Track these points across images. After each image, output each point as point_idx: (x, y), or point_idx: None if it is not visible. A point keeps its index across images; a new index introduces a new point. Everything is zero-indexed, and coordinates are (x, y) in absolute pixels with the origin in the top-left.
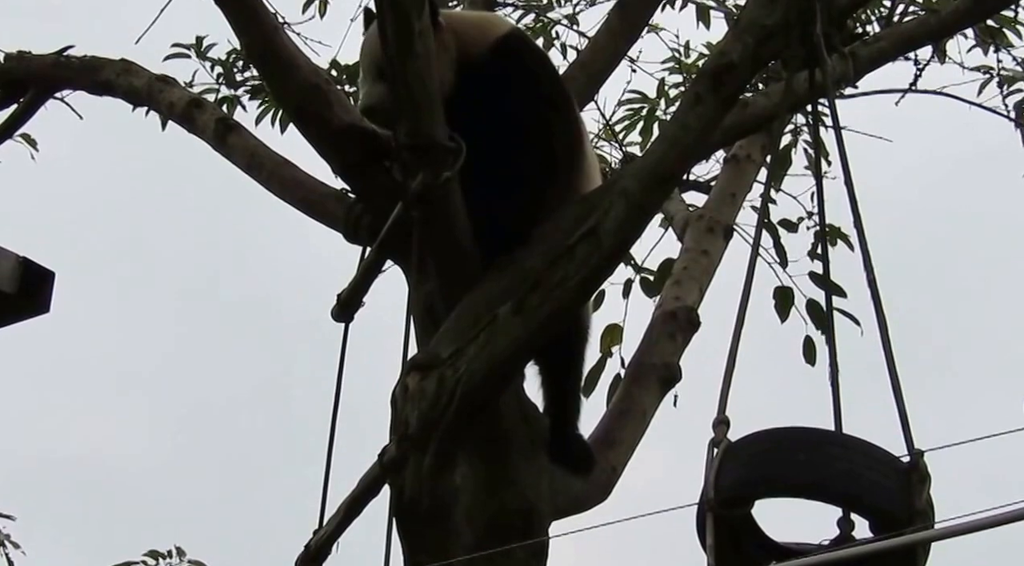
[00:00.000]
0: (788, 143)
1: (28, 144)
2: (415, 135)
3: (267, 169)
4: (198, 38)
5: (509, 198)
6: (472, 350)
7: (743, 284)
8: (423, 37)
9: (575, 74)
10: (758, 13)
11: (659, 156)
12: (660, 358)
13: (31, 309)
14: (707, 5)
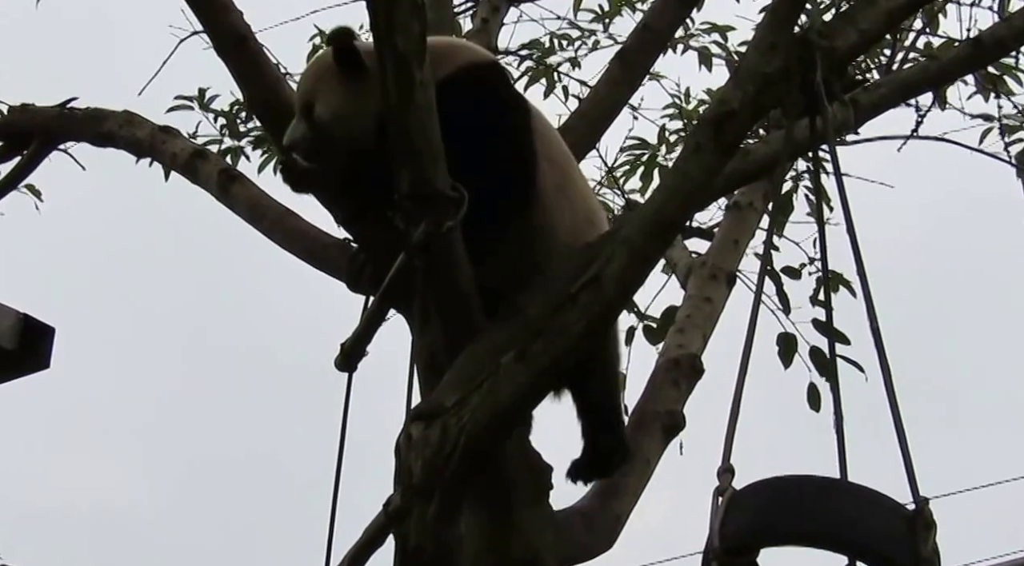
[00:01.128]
0: (790, 189)
1: (32, 194)
2: (417, 185)
3: (269, 219)
4: (201, 90)
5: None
6: (475, 399)
7: (746, 331)
8: (424, 87)
9: (575, 124)
10: (758, 61)
11: (660, 204)
12: (664, 406)
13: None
14: (709, 51)
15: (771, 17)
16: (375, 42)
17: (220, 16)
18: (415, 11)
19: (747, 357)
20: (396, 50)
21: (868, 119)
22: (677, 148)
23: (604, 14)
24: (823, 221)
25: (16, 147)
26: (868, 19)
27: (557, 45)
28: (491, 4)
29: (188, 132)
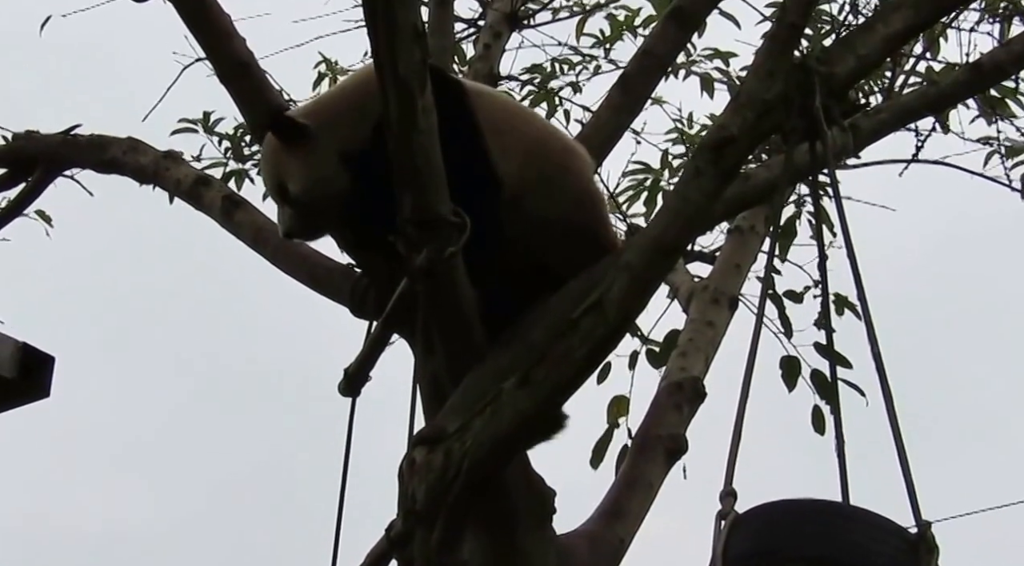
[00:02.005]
0: (792, 214)
1: (43, 220)
2: (420, 211)
3: (273, 244)
4: (205, 113)
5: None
6: (478, 424)
7: (748, 355)
8: (426, 113)
9: None
10: (757, 87)
11: (661, 229)
12: (666, 429)
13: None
14: (710, 77)
15: (770, 44)
16: (376, 68)
17: (223, 43)
18: (416, 38)
19: (749, 380)
20: (398, 76)
21: (868, 144)
22: (679, 172)
23: (605, 39)
24: (824, 245)
25: (21, 174)
26: (867, 45)
27: (559, 70)
28: (493, 30)
29: (192, 155)
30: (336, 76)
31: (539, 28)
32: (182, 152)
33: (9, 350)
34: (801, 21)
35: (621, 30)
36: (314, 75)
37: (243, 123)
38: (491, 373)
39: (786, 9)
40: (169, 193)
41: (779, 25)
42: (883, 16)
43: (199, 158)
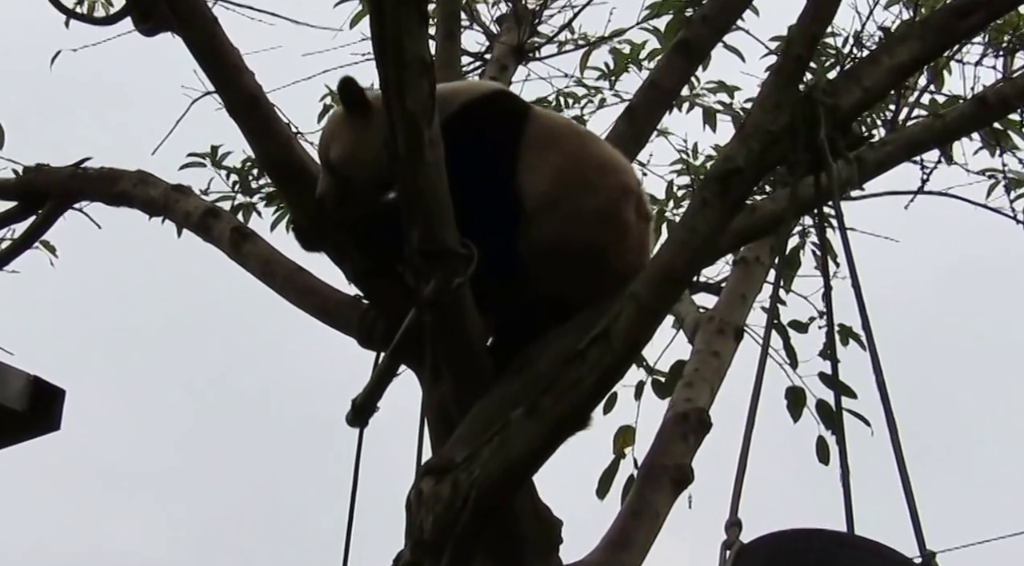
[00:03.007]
0: (796, 245)
1: (47, 251)
2: (427, 242)
3: (281, 276)
4: (213, 147)
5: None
6: (486, 453)
7: (753, 385)
8: (433, 145)
9: None
10: (763, 118)
11: (668, 260)
12: (672, 459)
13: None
14: (713, 109)
15: (776, 76)
16: (384, 101)
17: (232, 77)
18: (424, 71)
19: (754, 411)
20: (405, 109)
21: (874, 176)
22: (685, 203)
23: (610, 72)
24: (829, 276)
25: (31, 207)
26: (872, 77)
27: (564, 103)
28: (499, 63)
29: (201, 189)
30: None
31: (545, 61)
32: (191, 186)
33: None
34: (806, 53)
35: (626, 63)
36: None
37: (251, 157)
38: (499, 403)
39: (791, 42)
40: (178, 225)
41: (785, 57)
42: (888, 48)
43: (207, 192)
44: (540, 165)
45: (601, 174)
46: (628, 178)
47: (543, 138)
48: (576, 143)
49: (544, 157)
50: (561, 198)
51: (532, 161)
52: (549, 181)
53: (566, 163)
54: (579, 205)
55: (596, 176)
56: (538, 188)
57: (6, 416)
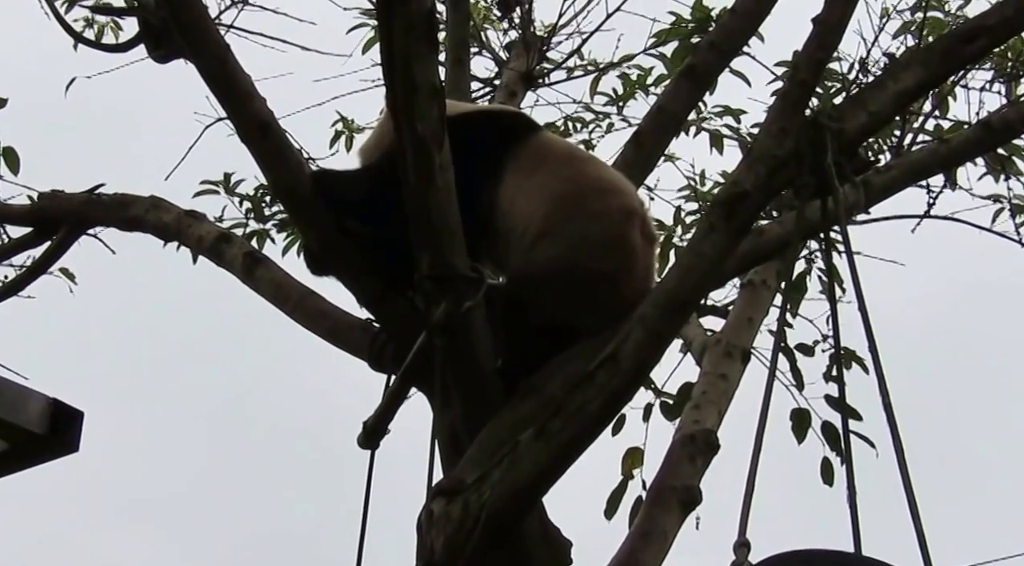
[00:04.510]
0: (803, 269)
1: (66, 277)
2: (437, 266)
3: (293, 300)
4: (226, 174)
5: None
6: (496, 475)
7: (761, 407)
8: (443, 170)
9: None
10: (769, 143)
11: (675, 283)
12: (680, 481)
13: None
14: (721, 134)
15: (782, 101)
16: (394, 126)
17: (244, 103)
18: (434, 96)
19: (762, 432)
20: (416, 134)
21: (880, 200)
22: (693, 229)
23: (618, 97)
24: (835, 299)
25: (46, 233)
26: (877, 102)
27: (572, 128)
28: (508, 89)
29: (214, 216)
30: (352, 134)
31: (554, 87)
32: (204, 214)
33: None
34: (812, 79)
35: (634, 88)
36: (331, 133)
37: (264, 184)
38: (508, 425)
39: (797, 67)
40: (192, 251)
41: (790, 83)
42: (893, 73)
43: (221, 219)
44: (530, 188)
45: (603, 197)
46: (631, 200)
47: (536, 160)
48: (575, 167)
49: (535, 180)
50: (562, 222)
51: (521, 183)
52: (546, 205)
53: (565, 186)
54: (583, 229)
55: (598, 199)
56: (534, 212)
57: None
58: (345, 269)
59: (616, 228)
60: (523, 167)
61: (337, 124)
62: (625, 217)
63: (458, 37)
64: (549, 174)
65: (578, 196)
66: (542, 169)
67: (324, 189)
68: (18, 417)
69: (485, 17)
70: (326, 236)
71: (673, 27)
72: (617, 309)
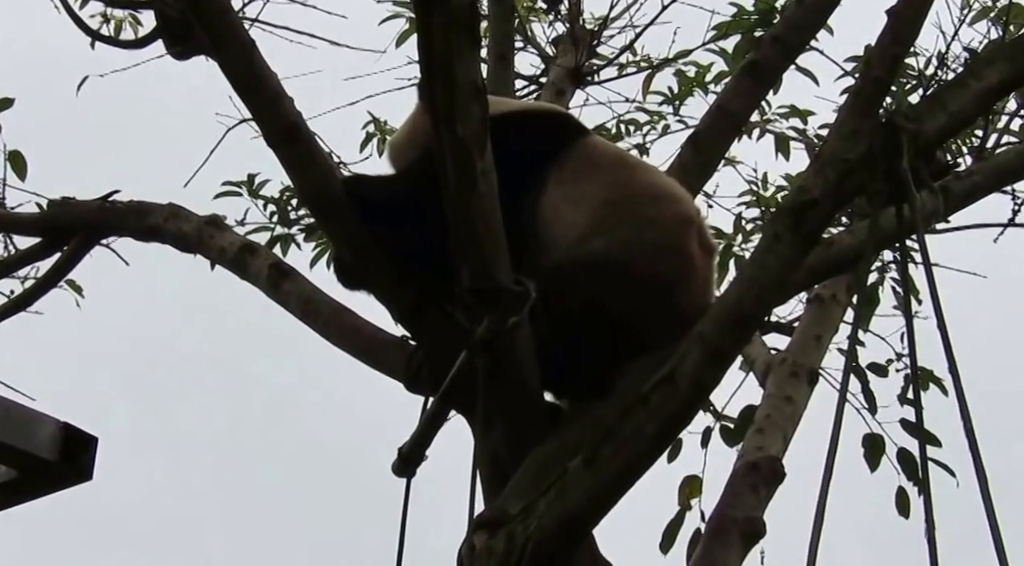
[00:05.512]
0: (875, 281)
1: (73, 290)
2: (479, 278)
3: (323, 316)
4: (250, 176)
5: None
6: (542, 506)
7: (830, 432)
8: (486, 175)
9: None
10: (840, 146)
11: (737, 298)
12: (743, 512)
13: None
14: (786, 136)
15: (854, 100)
16: (433, 128)
17: (270, 104)
18: (475, 95)
19: (831, 459)
20: (456, 137)
21: (960, 208)
22: (754, 238)
23: (674, 96)
24: (911, 314)
25: (56, 243)
26: (958, 101)
27: (625, 130)
28: (556, 87)
29: (237, 219)
30: (386, 137)
31: (604, 85)
32: (225, 216)
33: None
34: (887, 75)
35: (691, 86)
36: (363, 135)
37: (290, 186)
38: (555, 451)
39: (870, 63)
40: (212, 262)
41: (863, 80)
42: (975, 70)
43: (243, 223)
44: (576, 196)
45: (656, 204)
46: (688, 208)
47: (582, 167)
48: (625, 173)
49: (582, 188)
50: (612, 226)
51: (567, 192)
52: (593, 213)
53: (613, 193)
54: (636, 233)
55: (651, 206)
56: (579, 221)
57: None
58: (379, 282)
59: (672, 235)
60: (568, 174)
61: (369, 125)
62: (681, 225)
63: (502, 32)
64: (597, 182)
65: (629, 203)
66: (589, 176)
67: (356, 195)
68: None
69: (530, 10)
70: (359, 246)
71: (734, 20)
72: (674, 325)
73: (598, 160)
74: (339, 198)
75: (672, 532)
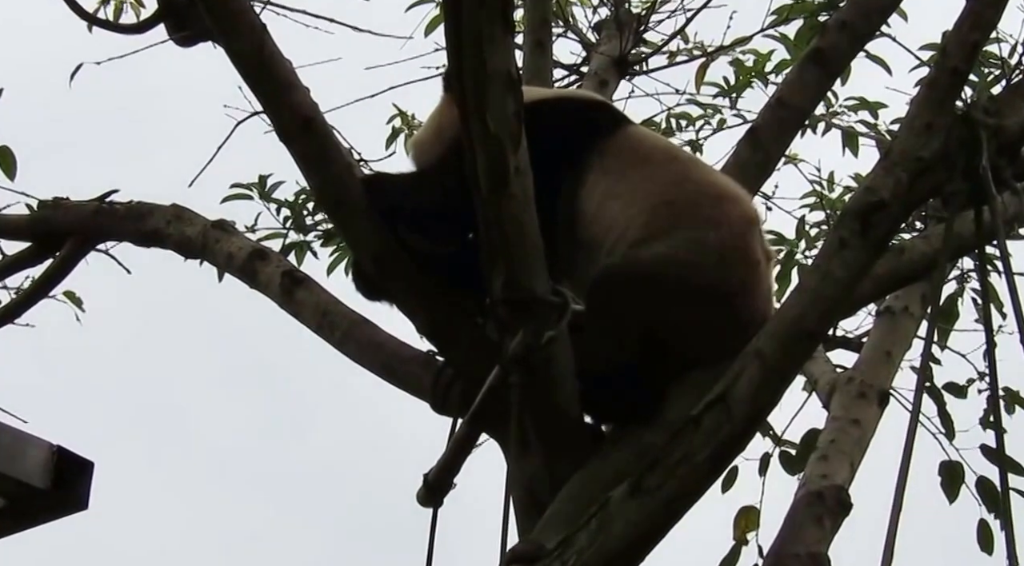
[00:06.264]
0: (953, 292)
1: (73, 303)
2: (512, 288)
3: (341, 329)
4: (261, 177)
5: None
6: (583, 539)
7: (901, 458)
8: (520, 175)
9: None
10: (912, 143)
11: (798, 311)
12: (805, 547)
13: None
14: (855, 131)
15: (928, 92)
16: (462, 122)
17: (283, 95)
18: (509, 86)
19: (902, 489)
20: (487, 131)
21: None
22: (818, 243)
23: (731, 88)
24: (992, 329)
25: (48, 248)
26: None
27: (676, 125)
28: (599, 77)
29: (247, 225)
30: (413, 132)
31: (652, 75)
32: (234, 221)
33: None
34: (965, 65)
35: (749, 77)
36: (388, 130)
37: (306, 188)
38: (597, 479)
39: (947, 51)
40: (219, 269)
41: (939, 70)
42: None
43: (254, 228)
44: (623, 191)
45: (719, 204)
46: (751, 208)
47: (628, 159)
48: (678, 169)
49: (629, 182)
50: (671, 228)
51: (611, 186)
52: (648, 212)
53: (670, 191)
54: (699, 234)
55: (713, 206)
56: (632, 219)
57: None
58: (403, 292)
59: (739, 239)
60: (612, 166)
61: (394, 119)
62: (746, 226)
63: (538, 15)
64: (647, 177)
65: (689, 202)
66: (637, 169)
67: (378, 196)
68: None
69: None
70: (380, 252)
71: (796, 3)
72: (731, 338)
73: (647, 152)
74: (358, 199)
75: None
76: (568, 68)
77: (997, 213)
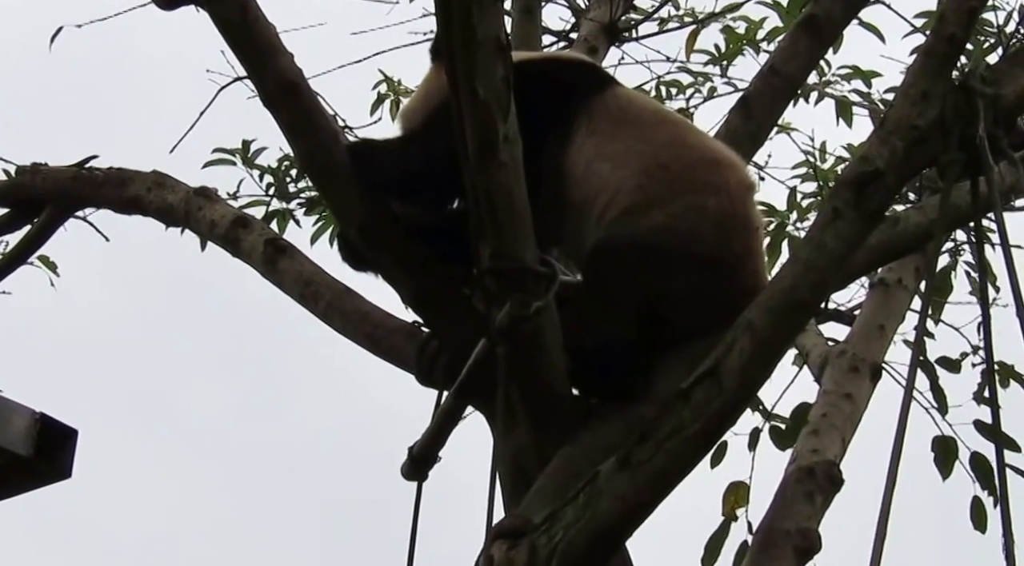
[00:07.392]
0: (947, 264)
1: (47, 268)
2: (500, 258)
3: (325, 299)
4: (245, 142)
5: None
6: (570, 514)
7: (895, 434)
8: (509, 143)
9: None
10: (908, 112)
11: (791, 282)
12: (795, 523)
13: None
14: (849, 100)
15: (924, 60)
16: (451, 89)
17: (267, 60)
18: (498, 52)
19: (896, 465)
20: (476, 98)
21: None
22: (811, 214)
23: (722, 56)
24: (988, 302)
25: (25, 215)
26: None
27: (666, 93)
28: (588, 44)
29: (229, 192)
30: (399, 98)
31: (643, 42)
32: (216, 188)
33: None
34: (963, 33)
35: (741, 45)
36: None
37: (289, 154)
38: (585, 453)
39: (943, 18)
40: (201, 238)
41: (935, 38)
42: None
43: (236, 195)
44: (614, 152)
45: (715, 168)
46: (747, 175)
47: (617, 120)
48: (671, 132)
49: (620, 143)
50: (667, 193)
51: (601, 146)
52: (641, 174)
53: (664, 153)
54: (698, 200)
55: (710, 171)
56: (624, 181)
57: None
58: (388, 262)
59: (737, 204)
60: (600, 126)
61: (380, 85)
62: (745, 192)
63: None
64: (639, 138)
65: (685, 166)
66: (628, 131)
67: (363, 163)
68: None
69: None
70: (365, 221)
71: None
72: (728, 309)
73: (637, 114)
74: (343, 166)
75: (715, 545)
76: (557, 34)
77: (994, 184)
